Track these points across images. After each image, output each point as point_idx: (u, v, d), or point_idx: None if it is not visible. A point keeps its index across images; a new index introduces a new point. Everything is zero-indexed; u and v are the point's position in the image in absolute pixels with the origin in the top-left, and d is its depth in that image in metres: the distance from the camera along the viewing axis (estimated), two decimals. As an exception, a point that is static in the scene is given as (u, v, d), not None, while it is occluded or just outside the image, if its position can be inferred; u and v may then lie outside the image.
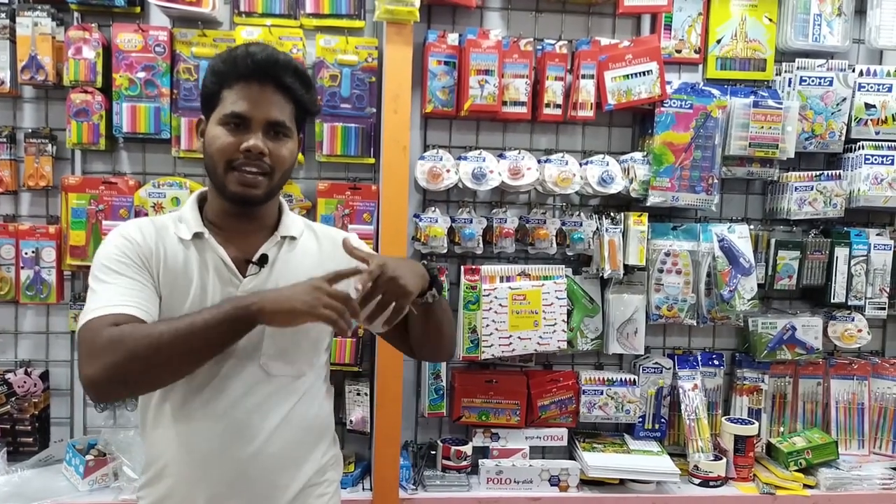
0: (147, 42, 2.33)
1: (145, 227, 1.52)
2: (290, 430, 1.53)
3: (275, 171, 1.48)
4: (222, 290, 1.49)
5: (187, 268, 1.49)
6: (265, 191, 1.48)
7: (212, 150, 1.46)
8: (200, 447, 1.47)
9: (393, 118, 2.28)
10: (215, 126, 1.46)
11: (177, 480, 1.50)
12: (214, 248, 1.50)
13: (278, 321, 1.34)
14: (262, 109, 1.45)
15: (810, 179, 2.54)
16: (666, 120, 2.46)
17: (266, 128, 1.46)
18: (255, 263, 1.51)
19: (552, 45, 2.46)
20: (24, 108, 2.42)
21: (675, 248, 2.52)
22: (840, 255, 2.58)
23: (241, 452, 1.48)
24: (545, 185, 2.44)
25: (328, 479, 1.64)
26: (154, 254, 1.47)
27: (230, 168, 1.45)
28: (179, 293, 1.47)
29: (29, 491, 2.15)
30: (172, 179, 2.36)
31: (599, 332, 2.55)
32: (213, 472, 1.48)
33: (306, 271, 1.52)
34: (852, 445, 2.64)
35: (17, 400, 2.35)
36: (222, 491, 1.49)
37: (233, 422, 1.48)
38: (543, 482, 2.40)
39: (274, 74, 1.45)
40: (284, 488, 1.53)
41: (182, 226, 1.52)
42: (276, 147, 1.47)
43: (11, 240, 2.35)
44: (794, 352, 2.60)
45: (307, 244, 1.61)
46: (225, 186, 1.47)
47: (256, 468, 1.49)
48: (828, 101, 2.55)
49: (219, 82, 1.47)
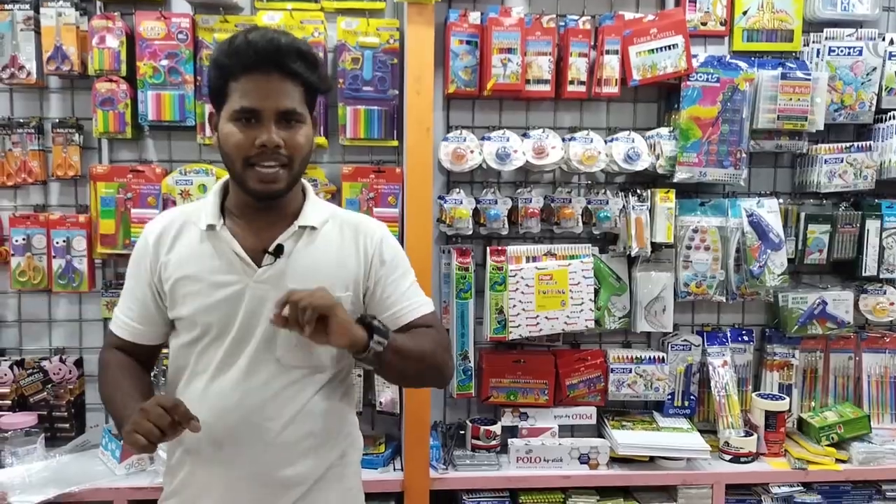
0: (170, 29, 2.33)
1: (171, 221, 1.57)
2: (307, 421, 1.53)
3: (293, 161, 1.47)
4: (237, 279, 1.50)
5: (202, 258, 1.51)
6: (286, 183, 1.48)
7: (227, 148, 1.45)
8: (218, 436, 1.49)
9: (416, 100, 2.27)
10: (227, 123, 1.45)
11: (196, 467, 1.54)
12: (228, 240, 1.51)
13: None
14: (272, 100, 1.42)
15: (840, 151, 2.50)
16: (692, 94, 2.42)
17: (278, 118, 1.43)
18: (270, 254, 1.51)
19: (575, 21, 2.43)
20: (51, 98, 2.44)
21: (703, 224, 2.49)
22: (871, 228, 2.54)
23: (257, 442, 1.50)
24: (570, 163, 2.42)
25: (347, 460, 1.65)
26: (163, 256, 1.54)
27: (248, 165, 1.44)
28: (193, 282, 1.51)
29: (67, 476, 2.19)
30: (199, 166, 2.38)
31: (627, 310, 2.54)
32: (231, 459, 1.51)
33: (326, 262, 1.54)
34: (885, 419, 2.62)
35: (53, 387, 2.40)
36: (241, 478, 1.51)
37: (249, 412, 1.49)
38: (573, 460, 2.40)
39: (277, 61, 1.42)
40: (303, 476, 1.54)
41: (202, 215, 1.54)
42: (290, 136, 1.45)
43: (42, 229, 2.38)
44: (825, 326, 2.57)
45: (329, 234, 1.58)
46: (245, 183, 1.47)
47: (274, 457, 1.51)
48: (857, 72, 2.50)
49: (223, 76, 1.45)
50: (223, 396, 1.50)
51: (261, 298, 1.49)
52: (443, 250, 2.50)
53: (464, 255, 2.44)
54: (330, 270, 1.54)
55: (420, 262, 2.20)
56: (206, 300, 1.50)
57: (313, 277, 1.49)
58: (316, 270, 1.52)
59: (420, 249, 2.27)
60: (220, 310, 1.50)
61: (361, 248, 1.59)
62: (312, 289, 1.37)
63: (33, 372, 2.40)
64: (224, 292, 1.49)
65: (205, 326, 1.51)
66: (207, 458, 1.51)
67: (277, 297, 1.38)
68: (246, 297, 1.49)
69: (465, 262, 2.44)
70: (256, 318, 1.50)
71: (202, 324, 1.51)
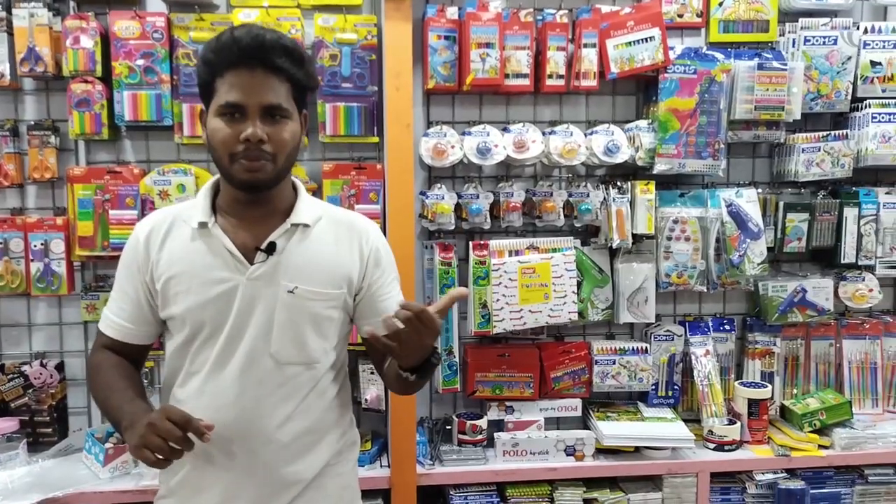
0: (145, 29, 2.31)
1: (162, 220, 1.57)
2: (303, 419, 1.54)
3: (278, 156, 1.46)
4: (229, 277, 1.50)
5: (194, 256, 1.51)
6: (272, 174, 1.47)
7: (214, 143, 1.46)
8: (215, 434, 1.48)
9: (395, 96, 2.27)
10: (213, 118, 1.45)
11: (194, 466, 1.53)
12: (219, 236, 1.51)
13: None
14: (256, 95, 1.42)
15: (817, 140, 2.52)
16: (670, 86, 2.44)
17: (263, 113, 1.43)
18: (262, 251, 1.51)
19: (552, 15, 2.43)
20: (26, 100, 2.41)
21: (684, 215, 2.51)
22: (849, 216, 2.57)
23: (254, 440, 1.50)
24: (550, 157, 2.43)
25: (344, 458, 1.65)
26: (154, 255, 1.53)
27: (233, 159, 1.44)
28: (185, 281, 1.50)
29: (50, 481, 2.17)
30: (177, 166, 2.36)
31: (610, 302, 2.55)
32: (228, 459, 1.50)
33: (319, 260, 1.54)
34: (866, 405, 2.65)
35: (35, 391, 2.38)
36: (239, 477, 1.51)
37: (245, 410, 1.49)
38: (559, 452, 2.41)
39: (262, 57, 1.42)
40: (301, 473, 1.55)
41: (193, 213, 1.54)
42: (275, 131, 1.44)
43: (20, 233, 2.35)
44: (805, 314, 2.59)
45: (322, 232, 1.58)
46: (232, 177, 1.47)
47: (271, 456, 1.51)
48: (833, 61, 2.52)
49: (210, 72, 1.45)
50: (219, 395, 1.50)
51: (253, 296, 1.49)
52: (425, 246, 2.50)
53: (446, 250, 2.44)
54: (323, 268, 1.54)
55: (403, 258, 2.20)
56: (199, 298, 1.49)
57: (306, 275, 1.51)
58: (309, 268, 1.52)
59: (403, 245, 2.26)
60: (212, 307, 1.49)
61: (357, 248, 1.59)
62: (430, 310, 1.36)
63: (14, 377, 2.37)
64: (216, 290, 1.49)
65: (197, 325, 1.50)
66: (205, 457, 1.51)
67: (269, 294, 1.41)
68: (238, 294, 1.49)
69: (447, 258, 2.44)
70: (249, 315, 1.49)
71: (195, 322, 1.50)
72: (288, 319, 1.50)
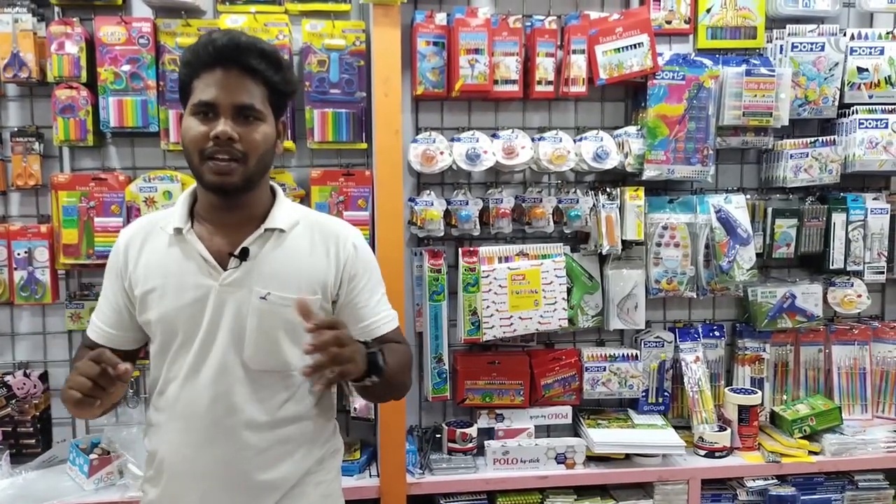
0: (130, 34, 2.29)
1: (140, 229, 1.59)
2: (280, 426, 1.53)
3: (248, 157, 1.44)
4: (202, 283, 1.49)
5: (169, 262, 1.51)
6: (241, 177, 1.45)
7: (185, 142, 1.45)
8: (190, 442, 1.49)
9: (384, 102, 2.26)
10: (187, 117, 1.45)
11: (172, 475, 1.53)
12: (193, 242, 1.50)
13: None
14: (228, 94, 1.42)
15: (805, 146, 2.53)
16: (659, 92, 2.44)
17: (235, 113, 1.42)
18: (235, 257, 1.49)
19: (541, 21, 2.43)
20: (9, 106, 2.38)
21: (673, 221, 2.51)
22: (837, 221, 2.57)
23: (230, 447, 1.49)
24: (540, 163, 2.42)
25: (326, 466, 1.64)
26: (132, 262, 1.54)
27: (203, 158, 1.43)
28: (160, 287, 1.50)
29: (34, 492, 2.14)
30: (163, 173, 2.34)
31: (600, 308, 2.54)
32: (205, 467, 1.50)
33: (293, 265, 1.53)
34: (855, 410, 2.65)
35: (18, 402, 2.34)
36: (215, 485, 1.50)
37: (219, 417, 1.48)
38: (550, 460, 2.40)
39: (236, 58, 1.42)
40: (279, 481, 1.53)
41: (170, 220, 1.53)
42: (246, 132, 1.43)
43: (3, 241, 2.32)
44: (794, 320, 2.60)
45: (298, 237, 1.55)
46: (202, 177, 1.46)
47: (247, 462, 1.50)
48: (820, 67, 2.53)
49: (189, 74, 1.46)
50: (193, 402, 1.49)
51: (225, 302, 1.48)
52: (414, 252, 2.48)
53: (436, 256, 2.43)
54: (297, 274, 1.52)
55: (392, 264, 2.19)
56: (172, 304, 1.49)
57: (279, 281, 1.49)
58: (282, 273, 1.51)
59: (392, 252, 2.25)
60: (185, 313, 1.48)
61: (333, 255, 1.57)
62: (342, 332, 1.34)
63: (-4, 387, 2.34)
64: (189, 296, 1.48)
65: (171, 331, 1.50)
66: (182, 464, 1.50)
67: (242, 300, 1.43)
68: (210, 300, 1.48)
69: (437, 264, 2.42)
70: (221, 321, 1.48)
71: (169, 328, 1.50)
72: (260, 326, 1.48)
